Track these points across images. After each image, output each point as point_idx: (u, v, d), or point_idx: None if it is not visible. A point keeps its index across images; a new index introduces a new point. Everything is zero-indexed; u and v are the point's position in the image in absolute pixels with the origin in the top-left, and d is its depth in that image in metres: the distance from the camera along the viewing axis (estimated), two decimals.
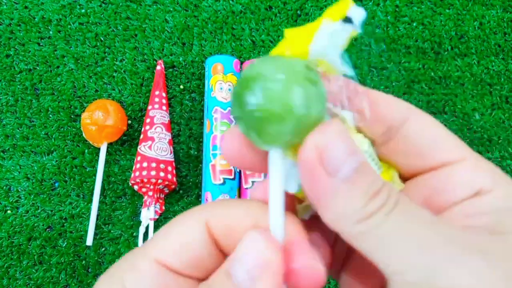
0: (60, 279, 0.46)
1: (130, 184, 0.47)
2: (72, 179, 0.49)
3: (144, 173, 0.45)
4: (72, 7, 0.53)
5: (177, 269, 0.17)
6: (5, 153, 0.50)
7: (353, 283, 0.19)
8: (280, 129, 0.15)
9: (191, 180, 0.49)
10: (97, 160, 0.49)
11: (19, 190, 0.49)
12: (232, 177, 0.46)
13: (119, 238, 0.47)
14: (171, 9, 0.53)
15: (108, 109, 0.47)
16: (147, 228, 0.46)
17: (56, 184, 0.49)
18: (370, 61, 0.52)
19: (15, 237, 0.47)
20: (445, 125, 0.55)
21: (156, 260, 0.17)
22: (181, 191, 0.49)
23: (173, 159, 0.48)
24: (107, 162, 0.49)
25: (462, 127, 0.51)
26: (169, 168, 0.46)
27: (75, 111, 0.51)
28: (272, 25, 0.53)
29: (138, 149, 0.47)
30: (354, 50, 0.52)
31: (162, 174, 0.45)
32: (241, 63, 0.50)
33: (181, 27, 0.52)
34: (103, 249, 0.47)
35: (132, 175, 0.46)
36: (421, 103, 0.51)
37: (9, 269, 0.46)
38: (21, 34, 0.52)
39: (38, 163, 0.49)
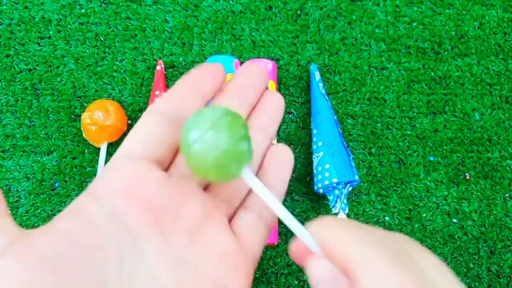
0: None
1: None
2: (72, 179, 0.49)
3: None
4: (72, 7, 0.53)
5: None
6: (5, 153, 0.50)
7: None
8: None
9: None
10: (97, 160, 0.49)
11: (19, 190, 0.49)
12: None
13: None
14: (171, 9, 0.53)
15: (108, 109, 0.47)
16: None
17: (56, 184, 0.49)
18: (370, 61, 0.52)
19: None
20: (445, 125, 0.55)
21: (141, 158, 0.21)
22: None
23: None
24: (107, 162, 0.49)
25: (462, 127, 0.51)
26: None
27: (75, 111, 0.51)
28: (272, 25, 0.53)
29: None
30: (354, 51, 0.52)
31: None
32: (241, 63, 0.50)
33: (181, 27, 0.52)
34: None
35: None
36: (421, 103, 0.51)
37: None
38: (21, 34, 0.52)
39: (38, 163, 0.49)
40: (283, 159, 0.25)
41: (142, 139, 0.22)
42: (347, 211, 0.46)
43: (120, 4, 0.53)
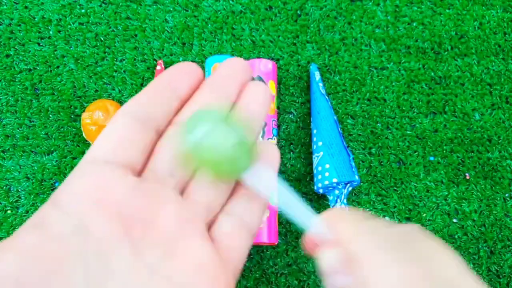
0: None
1: None
2: None
3: None
4: (72, 7, 0.53)
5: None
6: (5, 153, 0.50)
7: None
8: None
9: None
10: None
11: (19, 190, 0.49)
12: None
13: None
14: (171, 9, 0.53)
15: (108, 109, 0.47)
16: None
17: (56, 184, 0.49)
18: (370, 61, 0.52)
19: None
20: (445, 125, 0.54)
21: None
22: None
23: None
24: None
25: (462, 127, 0.51)
26: None
27: (75, 111, 0.51)
28: (272, 25, 0.53)
29: None
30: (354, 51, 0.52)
31: None
32: None
33: (181, 27, 0.53)
34: None
35: None
36: (421, 103, 0.51)
37: None
38: (21, 34, 0.52)
39: (38, 163, 0.49)
40: (269, 158, 0.23)
41: (113, 142, 0.20)
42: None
43: (120, 4, 0.53)
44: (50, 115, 0.50)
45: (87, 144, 0.50)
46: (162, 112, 0.22)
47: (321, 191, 0.47)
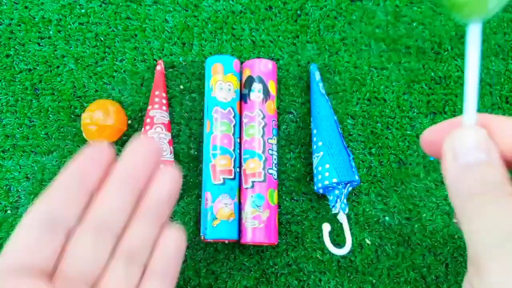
0: None
1: None
2: None
3: None
4: (72, 7, 0.53)
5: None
6: (5, 153, 0.50)
7: None
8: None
9: (191, 180, 0.49)
10: None
11: (19, 190, 0.49)
12: (232, 177, 0.46)
13: None
14: (171, 9, 0.53)
15: (108, 109, 0.47)
16: None
17: None
18: (370, 61, 0.52)
19: None
20: None
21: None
22: (181, 191, 0.49)
23: (173, 159, 0.48)
24: None
25: None
26: None
27: (75, 111, 0.51)
28: (272, 25, 0.53)
29: None
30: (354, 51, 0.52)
31: None
32: (241, 63, 0.50)
33: (181, 27, 0.53)
34: None
35: None
36: (421, 103, 0.51)
37: None
38: (21, 34, 0.52)
39: (38, 163, 0.49)
40: (174, 248, 0.25)
41: (23, 249, 0.21)
42: (347, 211, 0.46)
43: (120, 4, 0.53)
44: (50, 115, 0.50)
45: (87, 144, 0.50)
46: (72, 212, 0.22)
47: (321, 191, 0.47)
